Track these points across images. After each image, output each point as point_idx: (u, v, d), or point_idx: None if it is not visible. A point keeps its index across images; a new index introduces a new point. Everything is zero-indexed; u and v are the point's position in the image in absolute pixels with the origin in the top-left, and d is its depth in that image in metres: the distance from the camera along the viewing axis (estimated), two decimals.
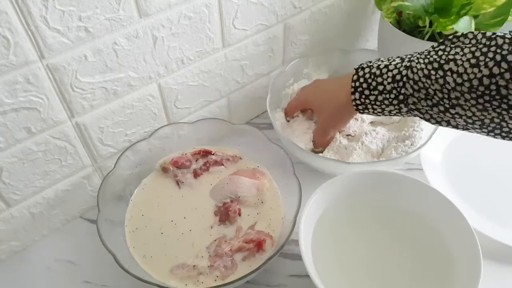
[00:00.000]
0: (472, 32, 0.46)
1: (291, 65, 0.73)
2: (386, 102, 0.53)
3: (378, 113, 0.55)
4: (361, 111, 0.56)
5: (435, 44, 0.49)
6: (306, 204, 0.51)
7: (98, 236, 0.50)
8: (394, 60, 0.52)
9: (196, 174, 0.64)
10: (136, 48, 0.54)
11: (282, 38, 0.72)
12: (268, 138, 0.62)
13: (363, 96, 0.54)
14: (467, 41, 0.46)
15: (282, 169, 0.60)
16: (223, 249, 0.54)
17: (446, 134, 0.71)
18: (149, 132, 0.64)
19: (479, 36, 0.45)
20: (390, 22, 0.72)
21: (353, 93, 0.55)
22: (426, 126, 0.66)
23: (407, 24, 0.73)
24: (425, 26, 0.70)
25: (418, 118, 0.52)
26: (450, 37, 0.48)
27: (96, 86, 0.53)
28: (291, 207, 0.55)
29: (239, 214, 0.58)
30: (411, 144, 0.64)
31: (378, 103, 0.53)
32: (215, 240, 0.56)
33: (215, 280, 0.51)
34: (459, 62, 0.44)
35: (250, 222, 0.58)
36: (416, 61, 0.49)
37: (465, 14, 0.63)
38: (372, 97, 0.53)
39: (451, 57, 0.45)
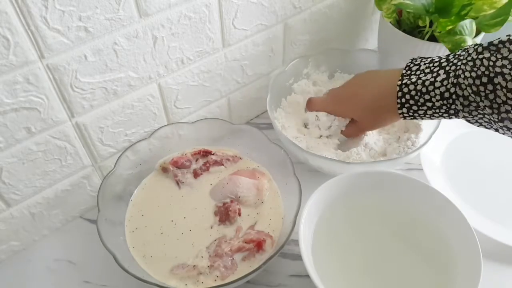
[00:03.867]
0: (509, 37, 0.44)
1: (291, 65, 0.73)
2: (436, 115, 0.53)
3: (426, 119, 0.55)
4: (408, 119, 0.57)
5: (476, 47, 0.47)
6: (306, 204, 0.51)
7: (98, 236, 0.50)
8: (438, 75, 0.50)
9: (196, 174, 0.64)
10: (136, 48, 0.54)
11: (282, 38, 0.72)
12: (268, 138, 0.62)
13: (411, 111, 0.54)
14: (505, 51, 0.43)
15: (282, 169, 0.60)
16: (223, 249, 0.54)
17: (446, 134, 0.71)
18: (149, 132, 0.64)
19: None
20: (390, 22, 0.72)
21: (400, 108, 0.55)
22: (426, 126, 0.66)
23: (407, 24, 0.73)
24: (425, 26, 0.70)
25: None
26: (495, 41, 0.45)
27: (96, 86, 0.53)
28: (291, 207, 0.55)
29: (239, 214, 0.58)
30: (411, 144, 0.64)
31: (427, 115, 0.54)
32: (215, 240, 0.56)
33: (215, 280, 0.51)
34: (508, 77, 0.42)
35: (250, 222, 0.58)
36: (463, 75, 0.47)
37: (466, 14, 0.63)
38: (421, 111, 0.54)
39: (498, 70, 0.43)
